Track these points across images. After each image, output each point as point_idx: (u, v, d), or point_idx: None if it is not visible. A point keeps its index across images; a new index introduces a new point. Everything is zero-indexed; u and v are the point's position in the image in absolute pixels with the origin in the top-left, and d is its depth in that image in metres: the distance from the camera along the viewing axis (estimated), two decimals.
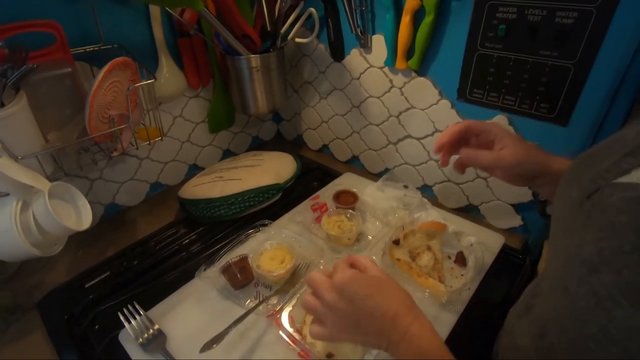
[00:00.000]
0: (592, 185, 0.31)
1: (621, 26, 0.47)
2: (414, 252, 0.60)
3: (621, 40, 0.47)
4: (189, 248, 0.70)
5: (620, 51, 0.48)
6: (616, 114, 0.53)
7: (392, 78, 0.73)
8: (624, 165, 0.30)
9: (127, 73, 0.61)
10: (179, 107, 0.81)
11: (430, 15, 0.60)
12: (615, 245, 0.26)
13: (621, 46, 0.48)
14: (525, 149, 0.47)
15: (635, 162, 0.29)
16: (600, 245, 0.27)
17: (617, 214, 0.27)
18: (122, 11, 0.65)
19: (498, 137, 0.47)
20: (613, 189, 0.29)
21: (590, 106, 0.53)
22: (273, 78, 0.79)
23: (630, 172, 0.29)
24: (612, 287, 0.25)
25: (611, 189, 0.29)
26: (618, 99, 0.52)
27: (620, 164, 0.30)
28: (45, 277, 0.65)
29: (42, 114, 0.55)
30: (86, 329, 0.56)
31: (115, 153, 0.65)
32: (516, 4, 0.52)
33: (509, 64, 0.57)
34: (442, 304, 0.54)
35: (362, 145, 0.88)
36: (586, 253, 0.28)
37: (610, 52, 0.49)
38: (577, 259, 0.29)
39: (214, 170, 0.79)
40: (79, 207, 0.58)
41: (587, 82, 0.52)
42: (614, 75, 0.50)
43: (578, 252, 0.29)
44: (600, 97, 0.52)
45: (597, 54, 0.50)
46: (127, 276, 0.64)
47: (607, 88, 0.51)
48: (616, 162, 0.31)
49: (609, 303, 0.25)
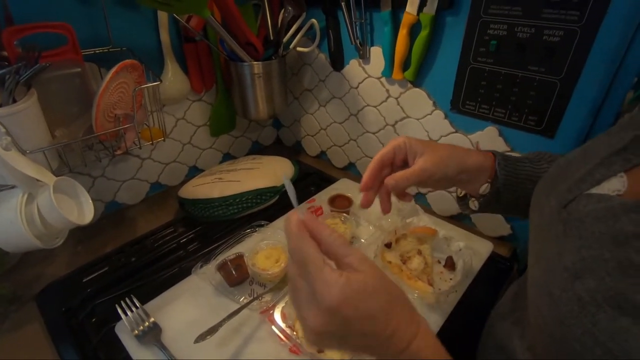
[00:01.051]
0: (569, 195, 0.33)
1: (604, 45, 0.49)
2: (405, 255, 0.62)
3: (604, 58, 0.50)
4: (187, 246, 0.72)
5: (603, 68, 0.51)
6: (601, 128, 0.56)
7: (388, 88, 0.76)
8: (596, 176, 0.32)
9: (134, 75, 0.64)
10: (182, 109, 0.84)
11: (426, 30, 0.63)
12: (595, 253, 0.27)
13: (604, 63, 0.50)
14: (436, 152, 0.45)
15: (606, 172, 0.31)
16: (581, 253, 0.28)
17: (594, 224, 0.29)
18: (132, 16, 0.68)
19: (408, 147, 0.46)
20: (588, 200, 0.31)
21: (576, 120, 0.56)
22: (274, 85, 0.81)
23: (602, 183, 0.31)
24: (595, 292, 0.26)
25: (586, 200, 0.31)
26: (602, 113, 0.55)
27: (593, 174, 0.32)
28: (44, 270, 0.67)
29: (51, 111, 0.57)
30: (83, 321, 0.57)
31: (118, 151, 0.67)
32: (506, 22, 0.55)
33: (499, 77, 0.60)
34: (430, 306, 0.56)
35: (358, 152, 0.90)
36: (568, 260, 0.29)
37: (594, 69, 0.51)
38: (559, 266, 0.30)
39: (214, 172, 0.82)
40: (81, 202, 0.60)
41: (573, 97, 0.54)
42: (597, 90, 0.53)
43: (560, 260, 0.30)
44: (585, 111, 0.54)
45: (582, 71, 0.52)
46: (124, 272, 0.66)
47: (592, 103, 0.54)
48: (589, 172, 0.32)
49: (593, 307, 0.26)
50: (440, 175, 0.45)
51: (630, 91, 0.53)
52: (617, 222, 0.27)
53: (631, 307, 0.24)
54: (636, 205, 0.27)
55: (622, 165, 0.31)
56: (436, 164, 0.45)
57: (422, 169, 0.44)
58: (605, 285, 0.26)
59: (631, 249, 0.26)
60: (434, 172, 0.44)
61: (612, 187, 0.30)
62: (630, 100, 0.53)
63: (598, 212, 0.29)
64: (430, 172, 0.44)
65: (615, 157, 0.32)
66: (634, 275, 0.25)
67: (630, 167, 0.30)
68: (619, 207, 0.28)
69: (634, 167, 0.30)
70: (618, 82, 0.52)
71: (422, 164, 0.45)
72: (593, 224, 0.29)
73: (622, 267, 0.26)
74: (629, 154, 0.31)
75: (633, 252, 0.25)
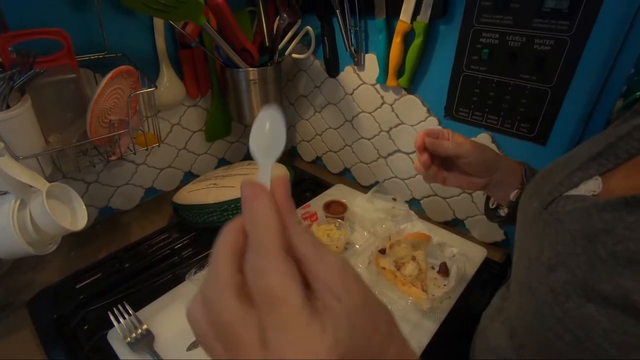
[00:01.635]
0: (549, 197, 0.35)
1: (593, 54, 0.50)
2: (399, 261, 0.62)
3: (594, 66, 0.51)
4: (181, 252, 0.72)
5: (593, 77, 0.52)
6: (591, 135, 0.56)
7: (383, 95, 0.77)
8: (574, 179, 0.34)
9: (129, 81, 0.64)
10: (178, 115, 0.84)
11: (420, 38, 0.64)
12: (569, 249, 0.30)
13: (594, 72, 0.51)
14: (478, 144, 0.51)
15: (583, 175, 0.34)
16: (557, 249, 0.31)
17: (570, 223, 0.31)
18: (128, 22, 0.68)
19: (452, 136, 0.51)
20: (566, 201, 0.33)
21: (567, 127, 0.56)
22: (269, 91, 0.82)
23: (579, 185, 0.33)
24: (566, 283, 0.28)
25: (564, 201, 0.33)
26: (593, 121, 0.56)
27: (571, 178, 0.34)
28: (36, 277, 0.66)
29: (45, 117, 0.57)
30: (75, 328, 0.57)
31: (113, 157, 0.67)
32: (498, 31, 0.56)
33: (492, 85, 0.60)
34: (424, 312, 0.56)
35: (353, 158, 0.91)
36: (545, 256, 0.31)
37: (584, 78, 0.52)
38: (538, 262, 0.32)
39: (209, 178, 0.81)
40: (74, 208, 0.59)
41: (564, 105, 0.55)
42: (587, 99, 0.53)
43: (539, 256, 0.32)
44: (575, 119, 0.55)
45: (572, 79, 0.53)
46: (118, 278, 0.65)
47: (582, 111, 0.54)
48: (568, 176, 0.35)
49: (563, 297, 0.28)
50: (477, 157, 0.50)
51: (619, 99, 0.54)
52: (590, 220, 0.29)
53: (596, 296, 0.27)
54: (607, 205, 0.29)
55: (596, 169, 0.34)
56: (474, 147, 0.50)
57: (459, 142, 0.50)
58: (576, 277, 0.28)
59: (599, 244, 0.28)
60: (472, 151, 0.49)
61: (589, 188, 0.33)
62: (620, 109, 0.54)
63: (575, 212, 0.31)
64: (466, 149, 0.49)
65: (591, 162, 0.34)
66: (599, 268, 0.27)
67: (604, 171, 0.33)
68: (592, 206, 0.30)
69: (608, 170, 0.33)
70: (607, 90, 0.53)
71: (461, 139, 0.50)
72: (570, 223, 0.31)
73: (591, 261, 0.28)
74: (603, 159, 0.34)
75: (601, 247, 0.28)
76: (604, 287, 0.26)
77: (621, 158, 0.32)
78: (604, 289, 0.26)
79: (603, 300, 0.26)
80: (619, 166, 0.32)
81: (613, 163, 0.33)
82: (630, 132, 0.33)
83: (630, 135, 0.33)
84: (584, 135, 0.57)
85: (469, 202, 0.73)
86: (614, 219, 0.28)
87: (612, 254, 0.26)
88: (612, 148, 0.34)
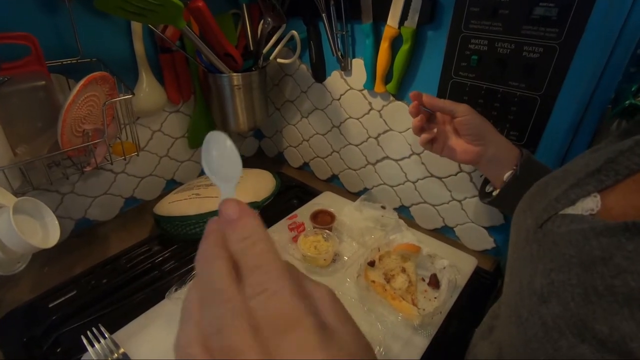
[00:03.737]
0: (545, 214, 0.33)
1: (582, 62, 0.49)
2: (389, 274, 0.60)
3: (583, 74, 0.50)
4: (162, 266, 0.69)
5: (582, 85, 0.51)
6: (580, 143, 0.56)
7: (371, 101, 0.75)
8: (571, 196, 0.32)
9: (105, 87, 0.60)
10: (159, 121, 0.81)
11: (408, 43, 0.62)
12: (564, 277, 0.27)
13: (583, 80, 0.51)
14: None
15: (581, 192, 0.32)
16: (551, 276, 0.28)
17: (566, 247, 0.29)
18: (103, 25, 0.65)
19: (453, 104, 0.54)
20: (562, 220, 0.31)
21: (557, 135, 0.56)
22: (254, 96, 0.79)
23: (576, 203, 0.31)
24: (559, 318, 0.26)
25: (560, 220, 0.31)
26: (582, 129, 0.55)
27: (568, 194, 0.32)
28: (5, 295, 0.62)
29: (12, 127, 0.54)
30: (47, 352, 0.53)
31: (88, 168, 0.63)
32: (487, 37, 0.55)
33: (480, 92, 0.59)
34: (415, 328, 0.54)
35: (341, 164, 0.89)
36: (537, 283, 0.29)
37: (573, 86, 0.51)
38: (529, 288, 0.30)
39: (191, 187, 0.78)
40: (46, 223, 0.56)
41: (553, 113, 0.54)
42: (577, 106, 0.53)
43: (531, 281, 0.30)
44: (565, 127, 0.54)
45: (561, 87, 0.52)
46: (94, 295, 0.62)
47: (571, 118, 0.54)
48: (565, 192, 0.33)
49: (556, 334, 0.26)
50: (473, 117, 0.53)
51: (608, 107, 0.53)
52: (586, 246, 0.27)
53: (590, 336, 0.24)
54: (605, 229, 0.27)
55: (595, 186, 0.32)
56: (472, 109, 0.53)
57: (461, 106, 0.53)
58: (570, 311, 0.26)
59: (597, 275, 0.26)
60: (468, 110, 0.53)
61: (586, 206, 0.31)
62: (609, 117, 0.53)
63: (571, 234, 0.29)
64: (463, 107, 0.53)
65: (589, 178, 0.32)
66: (595, 303, 0.25)
67: (603, 188, 0.31)
68: (590, 230, 0.28)
69: (606, 188, 0.31)
70: (596, 98, 0.52)
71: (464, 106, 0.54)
72: (565, 246, 0.29)
73: (587, 294, 0.26)
74: (602, 175, 0.32)
75: (598, 278, 0.25)
76: (600, 328, 0.24)
77: (621, 174, 0.30)
78: (599, 329, 0.24)
79: (598, 343, 0.24)
80: (618, 183, 0.30)
81: (613, 179, 0.31)
82: (632, 147, 0.31)
83: (631, 151, 0.31)
84: (573, 144, 0.56)
85: (458, 209, 0.72)
86: (612, 246, 0.26)
87: (610, 289, 0.24)
88: (612, 164, 0.31)
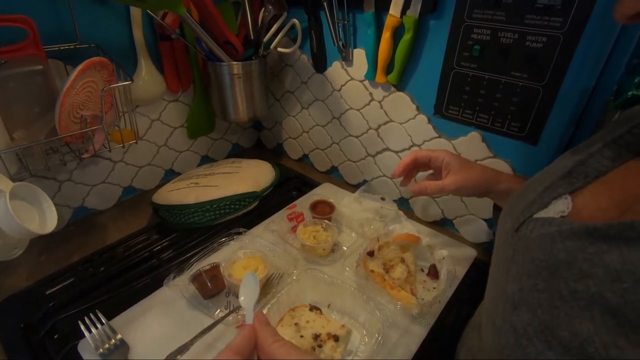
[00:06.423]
0: (522, 217, 0.33)
1: (586, 52, 0.49)
2: (388, 264, 0.60)
3: (586, 65, 0.50)
4: (160, 255, 0.68)
5: (585, 76, 0.50)
6: (582, 135, 0.55)
7: (372, 91, 0.75)
8: (545, 199, 0.32)
9: (103, 73, 0.60)
10: (158, 110, 0.80)
11: (409, 33, 0.62)
12: (532, 282, 0.27)
13: (586, 71, 0.50)
14: (468, 173, 0.52)
15: (553, 194, 0.32)
16: (521, 282, 0.29)
17: (535, 251, 0.29)
18: (101, 11, 0.64)
19: (445, 163, 0.54)
20: (534, 224, 0.31)
21: (559, 127, 0.55)
22: (254, 86, 0.79)
23: (549, 205, 0.32)
24: (527, 325, 0.26)
25: (533, 224, 0.31)
26: (584, 121, 0.55)
27: (542, 197, 0.33)
28: (3, 282, 0.62)
29: (8, 111, 0.53)
30: (44, 338, 0.53)
31: (86, 155, 0.63)
32: (490, 27, 0.54)
33: (482, 83, 0.59)
34: (413, 317, 0.54)
35: (341, 156, 0.89)
36: (510, 289, 0.29)
37: (576, 76, 0.51)
38: (503, 295, 0.30)
39: (190, 176, 0.78)
40: (43, 209, 0.55)
41: (555, 104, 0.54)
42: (579, 98, 0.52)
43: (504, 287, 0.30)
44: (566, 119, 0.54)
45: (564, 78, 0.52)
46: (92, 283, 0.61)
47: (574, 110, 0.53)
48: (540, 195, 0.33)
49: (525, 340, 0.26)
50: (466, 193, 0.54)
51: (610, 98, 0.53)
52: (553, 250, 0.27)
53: (556, 343, 0.24)
54: (571, 233, 0.27)
55: (566, 188, 0.32)
56: (464, 186, 0.52)
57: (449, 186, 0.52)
58: (537, 318, 0.26)
59: (562, 279, 0.26)
60: (461, 190, 0.52)
61: (558, 209, 0.31)
62: (611, 109, 0.53)
63: (541, 239, 0.29)
64: (457, 188, 0.52)
65: (561, 181, 0.33)
66: (559, 308, 0.25)
67: (573, 190, 0.32)
68: (557, 234, 0.28)
69: (577, 189, 0.32)
70: (599, 89, 0.52)
71: (451, 181, 0.52)
72: (535, 251, 0.29)
73: (552, 299, 0.26)
74: (572, 177, 0.32)
75: (562, 283, 0.25)
76: (562, 334, 0.24)
77: (590, 176, 0.31)
78: (562, 335, 0.24)
79: (562, 349, 0.24)
80: (587, 184, 0.31)
81: (582, 181, 0.31)
82: (601, 149, 0.32)
83: (600, 153, 0.32)
84: (575, 135, 0.56)
85: (458, 202, 0.72)
86: (576, 250, 0.26)
87: (573, 293, 0.24)
88: (582, 166, 0.32)
